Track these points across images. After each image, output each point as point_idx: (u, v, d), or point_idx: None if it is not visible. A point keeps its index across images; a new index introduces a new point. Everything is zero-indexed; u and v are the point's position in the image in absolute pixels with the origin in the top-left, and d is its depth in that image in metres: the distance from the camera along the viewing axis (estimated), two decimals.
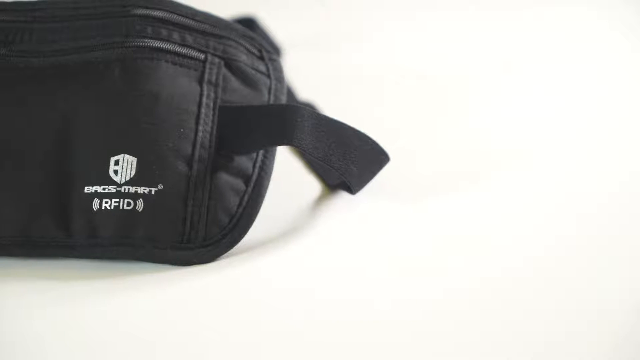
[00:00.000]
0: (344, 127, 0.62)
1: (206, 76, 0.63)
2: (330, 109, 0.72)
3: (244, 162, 0.61)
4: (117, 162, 0.59)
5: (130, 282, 0.57)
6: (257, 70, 0.65)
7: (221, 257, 0.59)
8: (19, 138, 0.61)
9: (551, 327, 0.53)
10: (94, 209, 0.59)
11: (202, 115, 0.61)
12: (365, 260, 0.60)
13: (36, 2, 0.66)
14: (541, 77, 0.86)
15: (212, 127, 0.61)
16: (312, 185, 0.68)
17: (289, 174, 0.68)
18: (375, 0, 1.03)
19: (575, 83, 0.85)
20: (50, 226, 0.59)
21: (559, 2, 1.02)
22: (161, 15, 0.64)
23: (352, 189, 0.63)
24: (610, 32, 0.96)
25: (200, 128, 0.61)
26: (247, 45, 0.65)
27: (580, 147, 0.74)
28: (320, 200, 0.66)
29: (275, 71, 0.66)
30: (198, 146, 0.60)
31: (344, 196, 0.66)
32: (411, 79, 0.84)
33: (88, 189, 0.59)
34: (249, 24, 0.84)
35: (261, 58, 0.66)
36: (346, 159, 0.61)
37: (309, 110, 0.61)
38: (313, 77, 0.82)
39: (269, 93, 0.65)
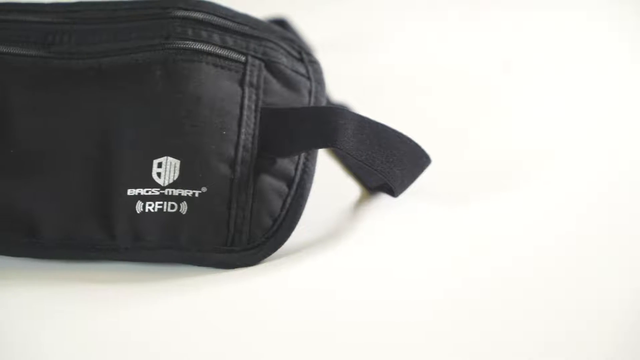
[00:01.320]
0: (386, 129, 0.62)
1: (247, 78, 0.62)
2: (362, 110, 0.72)
3: (286, 164, 0.61)
4: (160, 165, 0.59)
5: (175, 285, 0.57)
6: (297, 72, 0.64)
7: (264, 259, 0.59)
8: (60, 140, 0.60)
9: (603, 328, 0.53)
10: (138, 212, 0.59)
11: (244, 118, 0.61)
12: (409, 263, 0.59)
13: (74, 3, 0.65)
14: (571, 78, 0.87)
15: (254, 130, 0.61)
16: (350, 187, 0.68)
17: (326, 176, 0.67)
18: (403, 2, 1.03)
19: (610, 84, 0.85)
20: (94, 229, 0.59)
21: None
22: (201, 17, 0.63)
23: (394, 192, 0.63)
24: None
25: (243, 130, 0.61)
26: (287, 47, 0.65)
27: (617, 149, 0.74)
28: (360, 202, 0.66)
29: (315, 73, 0.65)
30: (241, 149, 0.60)
31: (384, 199, 0.65)
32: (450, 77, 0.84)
33: (131, 192, 0.59)
34: (280, 25, 0.83)
35: (301, 60, 0.65)
36: (389, 162, 0.61)
37: (352, 113, 0.61)
38: (343, 78, 0.82)
39: (310, 95, 0.64)
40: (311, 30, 0.88)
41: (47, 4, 0.66)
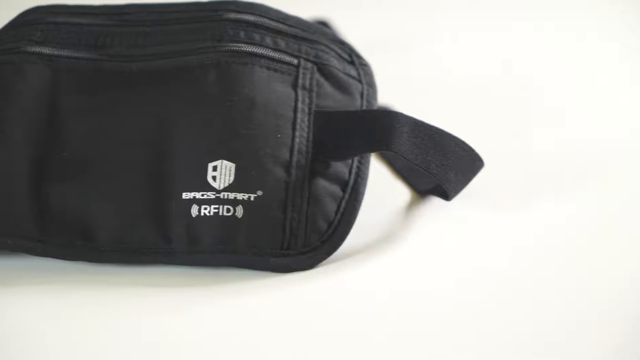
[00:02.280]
0: (440, 132, 0.61)
1: (300, 81, 0.62)
2: (406, 112, 0.72)
3: (340, 167, 0.61)
4: (215, 168, 0.59)
5: (232, 289, 0.57)
6: (348, 75, 0.64)
7: (320, 264, 0.59)
8: (113, 143, 0.60)
9: None
10: (193, 215, 0.58)
11: (298, 121, 0.61)
12: (464, 268, 0.59)
13: (124, 5, 0.65)
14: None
15: (308, 133, 0.61)
16: (400, 190, 0.67)
17: (374, 179, 0.67)
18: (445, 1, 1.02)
19: None
20: (149, 233, 0.58)
21: None
22: (253, 19, 0.63)
23: (448, 196, 0.62)
24: None
25: (297, 134, 0.60)
26: (338, 50, 0.65)
27: None
28: (412, 206, 0.65)
29: (366, 76, 0.65)
30: (295, 152, 0.60)
31: (436, 202, 0.65)
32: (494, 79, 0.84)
33: (186, 195, 0.59)
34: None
35: (352, 63, 0.65)
36: (444, 165, 0.61)
37: (406, 116, 0.60)
38: (385, 80, 0.81)
39: (362, 98, 0.64)
40: (353, 32, 0.87)
41: (97, 6, 0.65)
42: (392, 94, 0.79)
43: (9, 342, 0.53)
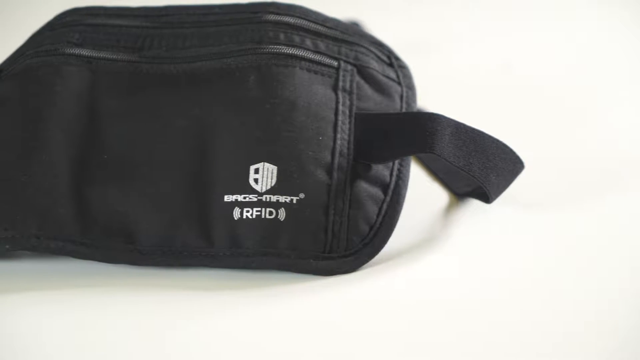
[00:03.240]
0: (481, 134, 0.61)
1: (340, 83, 0.62)
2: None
3: (381, 170, 0.61)
4: (257, 171, 0.59)
5: (275, 292, 0.57)
6: (388, 77, 0.64)
7: (362, 266, 0.59)
8: (154, 146, 0.60)
9: None
10: (235, 218, 0.58)
11: (339, 123, 0.61)
12: (506, 271, 0.59)
13: (163, 7, 0.65)
14: None
15: (349, 135, 0.60)
16: (438, 193, 0.67)
17: (412, 182, 0.66)
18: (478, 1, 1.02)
19: None
20: (191, 235, 0.58)
21: None
22: (293, 21, 0.63)
23: (489, 198, 0.62)
24: None
25: (339, 136, 0.60)
26: (377, 52, 0.64)
27: None
28: (451, 208, 0.65)
29: (405, 78, 0.65)
30: (337, 154, 0.60)
31: (475, 204, 0.65)
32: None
33: (228, 198, 0.58)
34: None
35: (390, 65, 0.65)
36: (486, 167, 0.60)
37: (448, 118, 0.60)
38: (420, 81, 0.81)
39: (401, 100, 0.64)
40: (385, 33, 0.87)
41: (136, 8, 0.65)
42: (424, 95, 0.79)
43: (59, 346, 0.53)
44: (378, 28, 0.87)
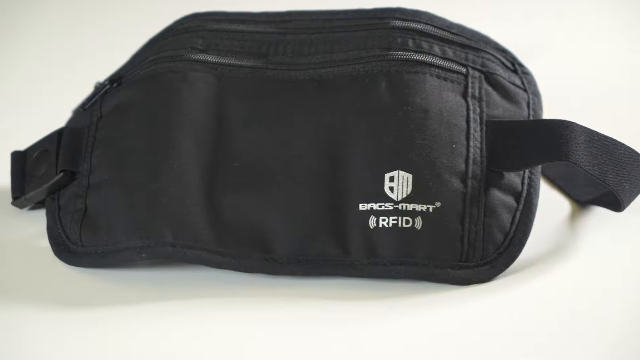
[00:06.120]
0: (614, 141, 0.60)
1: (470, 90, 0.61)
2: None
3: (513, 178, 0.60)
4: (392, 179, 0.58)
5: (416, 301, 0.56)
6: (514, 84, 0.63)
7: (497, 276, 0.58)
8: (286, 153, 0.60)
9: None
10: (371, 227, 0.58)
11: (471, 131, 0.60)
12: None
13: (286, 12, 0.65)
14: None
15: (481, 143, 0.60)
16: (558, 200, 0.66)
17: None
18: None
19: None
20: (327, 244, 0.58)
21: None
22: (420, 27, 0.62)
23: (620, 206, 0.61)
24: None
25: (471, 144, 0.59)
26: (502, 58, 0.64)
27: None
28: (575, 216, 0.64)
29: (530, 85, 0.64)
30: (471, 162, 0.59)
31: (600, 212, 0.64)
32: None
33: (363, 207, 0.58)
34: None
35: (515, 71, 0.64)
36: (620, 176, 0.59)
37: (580, 125, 0.59)
38: None
39: (528, 107, 0.63)
40: None
41: (258, 14, 0.65)
42: None
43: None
44: None
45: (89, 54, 0.96)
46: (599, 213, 0.64)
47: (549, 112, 0.65)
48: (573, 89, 0.84)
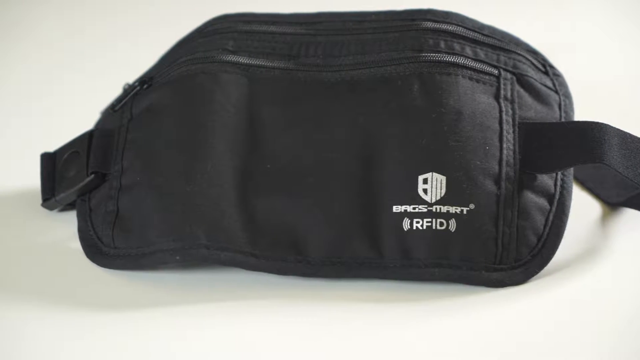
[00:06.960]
0: None
1: (502, 92, 0.61)
2: None
3: (545, 180, 0.60)
4: (425, 181, 0.58)
5: (451, 304, 0.56)
6: (545, 85, 0.63)
7: (531, 278, 0.58)
8: (319, 155, 0.59)
9: None
10: (405, 229, 0.57)
11: (504, 133, 0.60)
12: None
13: (316, 14, 0.65)
14: None
15: (514, 145, 0.60)
16: (589, 202, 0.66)
17: None
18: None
19: None
20: (361, 247, 0.58)
21: None
22: (451, 29, 0.62)
23: None
24: None
25: (504, 146, 0.59)
26: (533, 60, 0.63)
27: None
28: (606, 218, 0.64)
29: (561, 86, 0.64)
30: (504, 164, 0.59)
31: (631, 215, 0.64)
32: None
33: (397, 209, 0.58)
34: None
35: (546, 73, 0.64)
36: None
37: (613, 127, 0.59)
38: None
39: (560, 109, 0.63)
40: None
41: (288, 15, 0.65)
42: None
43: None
44: None
45: (99, 54, 0.96)
46: (631, 215, 0.64)
47: (579, 114, 0.65)
48: (601, 90, 0.83)
